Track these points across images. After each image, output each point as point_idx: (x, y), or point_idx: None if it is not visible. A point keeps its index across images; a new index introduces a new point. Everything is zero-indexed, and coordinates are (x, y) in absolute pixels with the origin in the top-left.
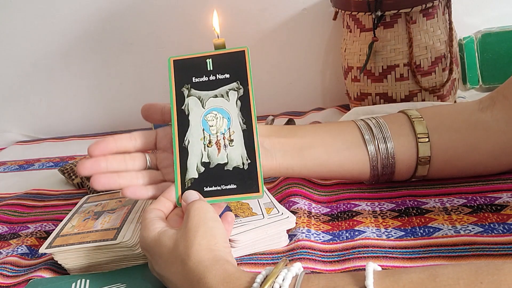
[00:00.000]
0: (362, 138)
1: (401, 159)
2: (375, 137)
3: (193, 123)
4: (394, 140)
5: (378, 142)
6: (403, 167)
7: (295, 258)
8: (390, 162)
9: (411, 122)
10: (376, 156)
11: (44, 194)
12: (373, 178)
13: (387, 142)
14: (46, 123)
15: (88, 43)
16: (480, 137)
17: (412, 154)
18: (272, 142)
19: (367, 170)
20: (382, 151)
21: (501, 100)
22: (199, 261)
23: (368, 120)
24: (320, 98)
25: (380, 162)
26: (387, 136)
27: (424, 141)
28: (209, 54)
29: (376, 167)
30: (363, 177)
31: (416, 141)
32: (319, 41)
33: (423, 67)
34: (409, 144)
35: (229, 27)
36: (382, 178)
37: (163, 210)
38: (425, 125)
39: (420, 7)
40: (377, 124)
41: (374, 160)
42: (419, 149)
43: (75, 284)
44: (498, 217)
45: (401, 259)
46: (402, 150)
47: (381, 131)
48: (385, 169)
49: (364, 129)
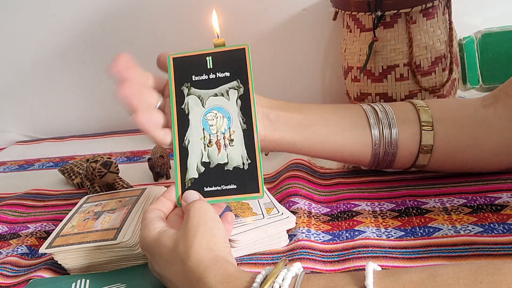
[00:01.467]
0: (367, 121)
1: (403, 145)
2: (380, 122)
3: (193, 122)
4: (399, 126)
5: (383, 127)
6: (405, 154)
7: (295, 258)
8: (393, 147)
9: (417, 110)
10: (379, 140)
11: (44, 194)
12: (373, 162)
13: (391, 128)
14: (46, 123)
15: (88, 43)
16: (482, 133)
17: (415, 141)
18: (278, 115)
19: (368, 154)
20: (386, 136)
21: (504, 98)
22: (199, 261)
23: (375, 105)
24: (320, 98)
25: (383, 146)
26: (392, 122)
27: (428, 130)
28: (209, 52)
29: (378, 151)
30: (364, 160)
31: (420, 129)
32: (319, 41)
33: (423, 67)
34: (412, 131)
35: (229, 27)
36: (382, 164)
37: (163, 210)
38: (430, 114)
39: (420, 7)
40: (383, 109)
41: (377, 144)
42: (422, 137)
43: (75, 284)
44: (498, 217)
45: (401, 259)
46: (405, 136)
47: (387, 116)
48: (387, 154)
49: (370, 113)
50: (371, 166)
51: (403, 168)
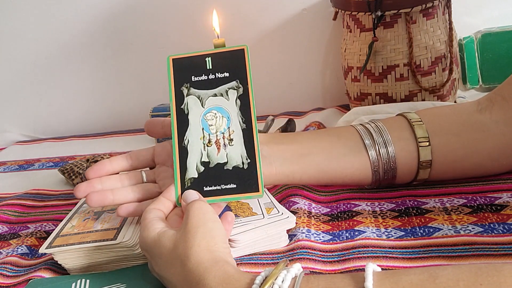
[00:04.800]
0: (362, 143)
1: (402, 163)
2: (375, 142)
3: (192, 122)
4: (395, 144)
5: (379, 147)
6: (404, 171)
7: (295, 258)
8: (392, 166)
9: (411, 126)
10: (377, 161)
11: (44, 194)
12: (375, 183)
13: (387, 146)
14: (46, 123)
15: (88, 43)
16: (479, 139)
17: (413, 158)
18: (271, 149)
19: (369, 175)
20: (383, 156)
21: (499, 101)
22: (199, 263)
23: (367, 125)
24: (320, 98)
25: (382, 166)
26: (387, 140)
27: (425, 145)
28: (208, 53)
29: (378, 172)
30: (365, 182)
31: (417, 145)
32: (319, 41)
33: (423, 67)
34: (410, 148)
35: (229, 27)
36: (383, 183)
37: (163, 210)
38: (425, 129)
39: (420, 7)
40: (377, 128)
41: (376, 165)
42: (420, 153)
43: (75, 284)
44: (498, 217)
45: (401, 259)
46: (403, 154)
47: (381, 135)
48: (387, 173)
49: (364, 134)
50: (373, 186)
51: (405, 183)
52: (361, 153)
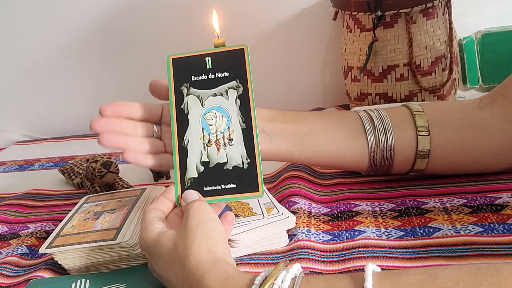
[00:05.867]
0: (363, 128)
1: (400, 151)
2: (376, 128)
3: (192, 122)
4: (395, 132)
5: (379, 133)
6: (401, 159)
7: (295, 258)
8: (389, 153)
9: (413, 115)
10: (375, 146)
11: (44, 194)
12: (371, 169)
13: (387, 134)
14: (46, 123)
15: (88, 42)
16: (479, 135)
17: (411, 146)
18: (273, 127)
19: (365, 161)
20: (382, 142)
21: (500, 99)
22: (199, 263)
23: (371, 112)
24: (320, 98)
25: (379, 153)
26: (387, 128)
27: (424, 135)
28: (208, 52)
29: (374, 157)
30: (361, 167)
31: (416, 134)
32: (319, 41)
33: (423, 67)
34: (409, 137)
35: (229, 27)
36: (380, 170)
37: (163, 210)
38: (426, 119)
39: (420, 7)
40: (379, 115)
41: (373, 151)
42: (418, 142)
43: (75, 284)
44: (498, 217)
45: (401, 259)
46: (401, 142)
47: (383, 122)
48: (384, 160)
49: (366, 119)
50: (369, 172)
51: (401, 173)
52: (360, 138)
